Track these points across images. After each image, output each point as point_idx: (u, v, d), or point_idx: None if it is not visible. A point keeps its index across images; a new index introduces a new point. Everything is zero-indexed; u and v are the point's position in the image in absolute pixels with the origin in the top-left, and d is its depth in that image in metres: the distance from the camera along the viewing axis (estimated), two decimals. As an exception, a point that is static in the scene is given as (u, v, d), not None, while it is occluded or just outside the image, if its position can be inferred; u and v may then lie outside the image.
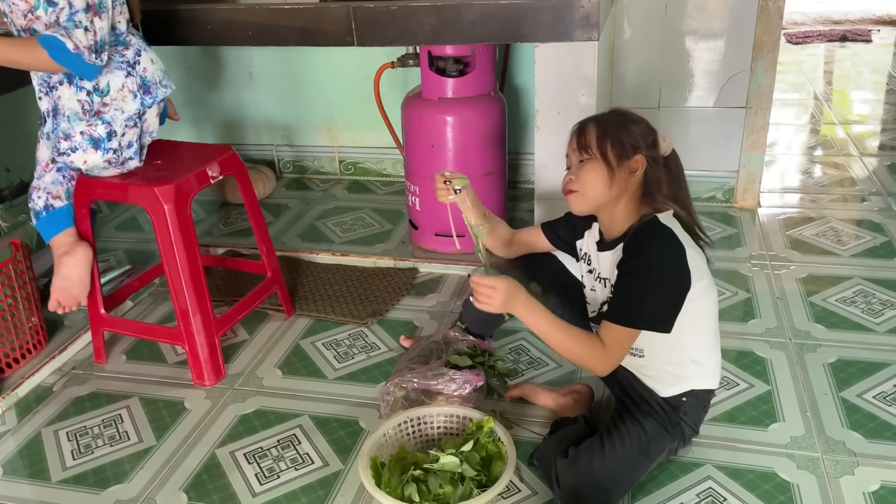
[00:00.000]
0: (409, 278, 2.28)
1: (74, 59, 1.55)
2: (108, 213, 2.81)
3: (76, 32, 1.53)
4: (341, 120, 2.95)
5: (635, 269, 1.34)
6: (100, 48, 1.59)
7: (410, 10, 1.91)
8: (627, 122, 1.40)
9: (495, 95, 2.27)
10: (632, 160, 1.37)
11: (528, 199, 2.63)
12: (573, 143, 1.41)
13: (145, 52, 1.73)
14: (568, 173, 1.43)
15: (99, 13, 1.57)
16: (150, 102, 1.70)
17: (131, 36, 1.71)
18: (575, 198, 1.41)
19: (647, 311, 1.34)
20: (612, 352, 1.35)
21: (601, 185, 1.37)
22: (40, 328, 1.96)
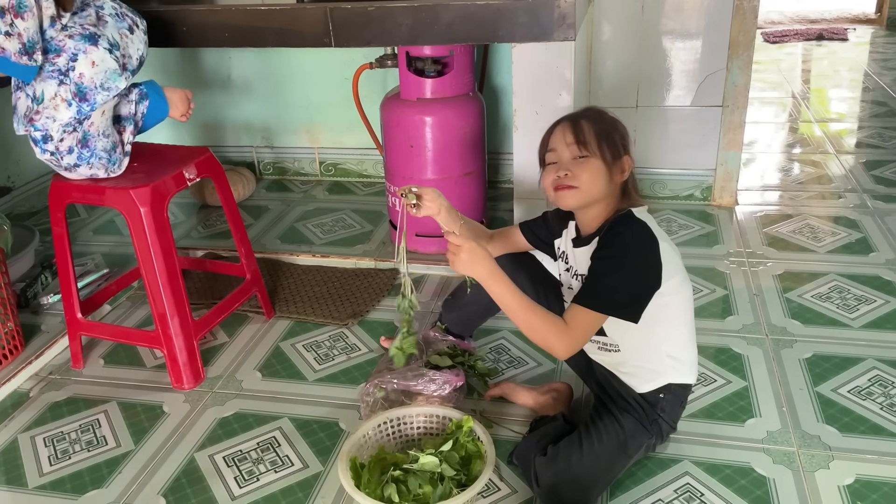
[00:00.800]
0: (389, 279, 2.28)
1: (2, 61, 1.52)
2: (86, 216, 2.79)
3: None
4: (321, 121, 2.95)
5: (606, 255, 1.36)
6: (30, 48, 1.54)
7: (387, 11, 1.91)
8: (616, 122, 1.44)
9: (474, 96, 2.28)
10: (623, 160, 1.40)
11: (508, 198, 2.63)
12: (569, 138, 1.40)
13: (85, 53, 1.60)
14: (558, 167, 1.40)
15: (19, 13, 1.52)
16: (88, 110, 1.63)
17: (66, 38, 1.60)
18: (571, 193, 1.39)
19: (613, 296, 1.34)
20: (575, 333, 1.34)
21: (600, 183, 1.38)
22: (16, 333, 1.94)
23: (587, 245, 1.43)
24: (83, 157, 1.68)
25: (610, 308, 1.35)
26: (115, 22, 1.70)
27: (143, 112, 1.77)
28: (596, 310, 1.33)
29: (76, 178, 1.75)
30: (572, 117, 1.44)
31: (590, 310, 1.33)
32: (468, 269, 1.38)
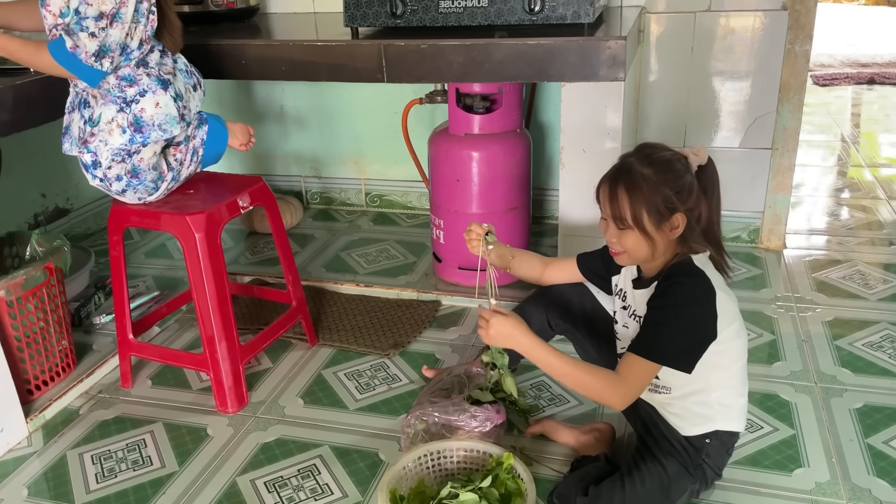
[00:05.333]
0: (431, 311, 2.29)
1: (70, 57, 1.59)
2: (139, 239, 2.87)
3: (80, 35, 1.58)
4: (369, 153, 3.00)
5: (663, 305, 1.35)
6: (102, 53, 1.61)
7: (439, 49, 1.96)
8: (660, 178, 1.34)
9: (521, 132, 2.30)
10: (672, 220, 1.36)
11: (552, 234, 2.64)
12: (606, 211, 1.40)
13: (153, 94, 1.70)
14: (607, 234, 1.41)
15: (114, 22, 1.60)
16: (139, 141, 1.70)
17: (144, 75, 1.70)
18: (621, 258, 1.43)
19: (668, 347, 1.33)
20: (630, 384, 1.34)
21: (644, 250, 1.38)
22: (69, 351, 1.99)
23: (647, 288, 1.43)
24: (131, 184, 1.76)
25: (665, 358, 1.34)
26: (184, 77, 1.82)
27: (203, 138, 1.84)
28: (651, 359, 1.33)
29: (129, 202, 1.82)
30: (612, 181, 1.39)
31: (645, 359, 1.33)
32: (501, 342, 1.40)
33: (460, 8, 1.99)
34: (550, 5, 1.93)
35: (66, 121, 1.77)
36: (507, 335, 1.39)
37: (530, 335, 1.39)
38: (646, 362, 1.33)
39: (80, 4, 1.58)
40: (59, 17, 1.62)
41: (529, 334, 1.39)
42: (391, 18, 2.04)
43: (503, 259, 1.66)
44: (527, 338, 1.38)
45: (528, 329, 1.40)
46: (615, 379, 1.34)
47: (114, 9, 1.60)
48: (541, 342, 1.39)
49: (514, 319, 1.40)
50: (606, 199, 1.39)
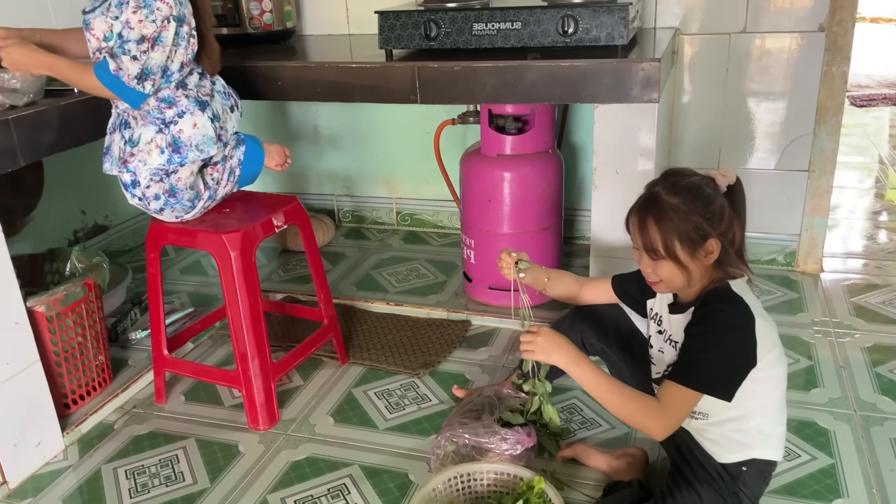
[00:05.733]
0: (461, 330, 2.29)
1: (113, 79, 1.64)
2: (174, 256, 2.92)
3: (123, 58, 1.63)
4: (400, 172, 3.02)
5: (702, 332, 1.33)
6: (144, 75, 1.66)
7: (472, 71, 1.97)
8: (689, 206, 1.32)
9: (553, 153, 2.30)
10: (705, 246, 1.34)
11: (584, 255, 2.63)
12: (637, 241, 1.39)
13: (191, 115, 1.74)
14: (641, 264, 1.41)
15: (155, 45, 1.65)
16: (177, 161, 1.73)
17: (183, 97, 1.74)
18: (657, 286, 1.42)
19: (708, 375, 1.32)
20: (670, 412, 1.33)
21: (679, 278, 1.36)
22: (106, 366, 2.03)
23: (683, 313, 1.41)
24: (168, 203, 1.79)
25: (705, 386, 1.32)
26: (222, 99, 1.86)
27: (240, 158, 1.87)
28: (691, 388, 1.32)
29: (167, 221, 1.85)
30: (640, 212, 1.38)
31: (685, 387, 1.32)
32: (547, 357, 1.40)
33: (493, 30, 2.00)
34: (584, 28, 1.93)
35: (107, 141, 1.82)
36: (555, 345, 1.39)
37: (575, 354, 1.38)
38: (686, 391, 1.32)
39: (123, 28, 1.62)
40: (103, 41, 1.67)
41: (574, 353, 1.39)
42: (425, 41, 2.06)
43: (538, 280, 1.66)
44: (573, 352, 1.38)
45: (573, 347, 1.39)
46: (657, 407, 1.33)
47: (155, 32, 1.64)
48: (586, 359, 1.38)
49: (560, 335, 1.40)
50: (636, 230, 1.38)
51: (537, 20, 1.96)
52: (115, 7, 1.63)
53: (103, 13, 1.65)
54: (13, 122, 1.65)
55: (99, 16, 1.66)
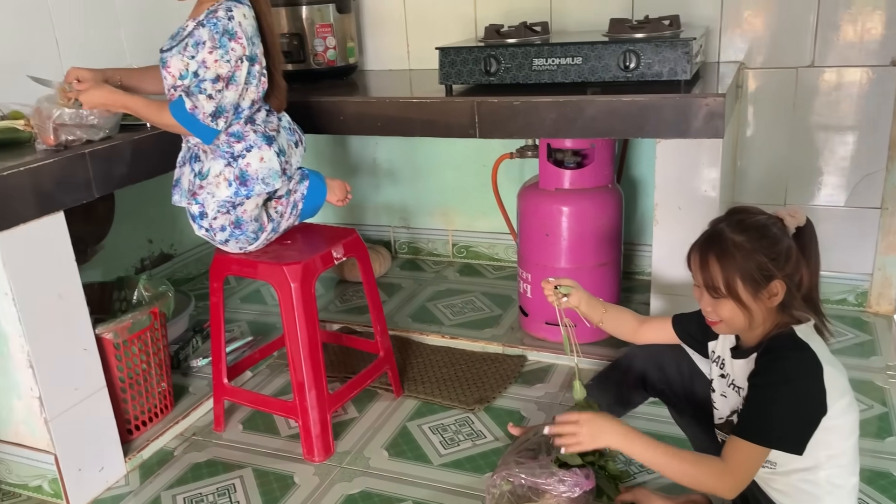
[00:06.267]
0: (517, 366, 2.27)
1: (189, 116, 1.70)
2: (235, 285, 2.98)
3: (199, 96, 1.69)
4: (457, 205, 3.04)
5: (767, 383, 1.28)
6: (218, 113, 1.72)
7: (532, 106, 1.97)
8: (753, 244, 1.29)
9: (612, 187, 2.28)
10: (769, 287, 1.30)
11: (643, 290, 2.58)
12: (698, 279, 1.36)
13: (259, 149, 1.79)
14: (702, 302, 1.37)
15: (229, 84, 1.71)
16: (244, 194, 1.78)
17: (251, 131, 1.80)
18: (718, 327, 1.38)
19: (776, 429, 1.26)
20: (737, 471, 1.27)
21: (741, 319, 1.32)
22: (168, 393, 2.07)
23: (746, 358, 1.37)
24: (234, 234, 1.84)
25: (774, 442, 1.27)
26: (287, 134, 1.91)
27: (304, 193, 1.91)
28: (759, 443, 1.26)
29: (231, 252, 1.89)
30: (702, 248, 1.34)
31: (752, 443, 1.27)
32: (596, 444, 1.37)
33: (554, 66, 2.01)
34: (646, 63, 1.92)
35: (177, 174, 1.88)
36: (600, 431, 1.35)
37: (624, 429, 1.34)
38: (753, 447, 1.26)
39: (199, 68, 1.69)
40: (179, 79, 1.73)
41: (623, 429, 1.35)
42: (485, 76, 2.08)
43: (594, 312, 1.63)
44: (621, 433, 1.34)
45: (619, 422, 1.35)
46: (722, 468, 1.28)
47: (229, 72, 1.70)
48: (636, 434, 1.34)
49: (602, 416, 1.37)
50: (697, 267, 1.35)
51: (598, 55, 1.96)
52: (191, 47, 1.70)
53: (180, 52, 1.72)
54: (89, 155, 1.73)
55: (176, 54, 1.73)
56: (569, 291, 1.60)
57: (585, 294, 1.62)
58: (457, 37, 2.63)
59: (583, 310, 1.58)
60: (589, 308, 1.61)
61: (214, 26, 1.68)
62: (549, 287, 1.61)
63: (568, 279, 1.63)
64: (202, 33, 1.69)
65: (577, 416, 1.37)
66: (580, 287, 1.63)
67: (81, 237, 2.19)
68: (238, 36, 1.70)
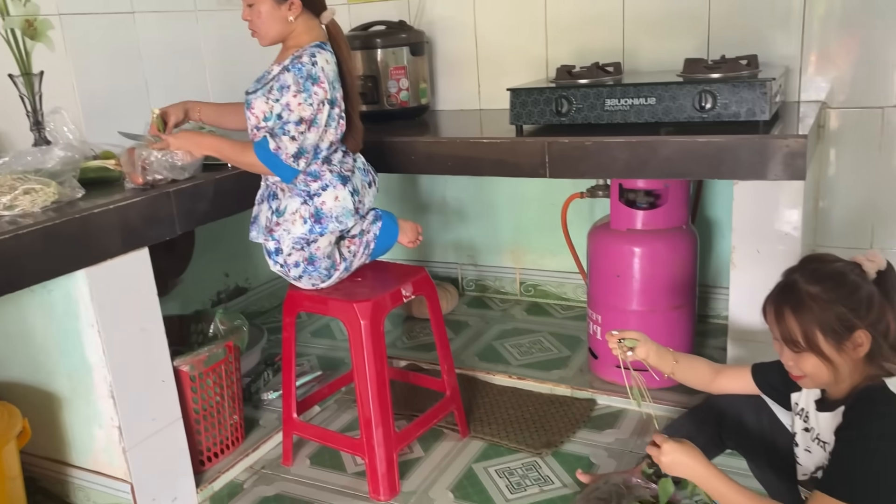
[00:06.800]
0: (586, 410, 2.22)
1: (272, 157, 1.76)
2: (306, 319, 3.04)
3: (283, 138, 1.75)
4: (525, 243, 3.02)
5: (855, 438, 1.21)
6: (299, 154, 1.77)
7: (604, 146, 1.96)
8: (830, 294, 1.24)
9: (687, 229, 2.23)
10: (853, 338, 1.24)
11: (719, 334, 2.50)
12: (775, 332, 1.31)
13: (334, 188, 1.84)
14: (783, 356, 1.33)
15: (311, 127, 1.77)
16: (318, 231, 1.83)
17: (327, 171, 1.85)
18: (803, 381, 1.33)
19: (864, 488, 1.19)
20: None
21: (825, 373, 1.27)
22: (239, 425, 2.11)
23: (832, 411, 1.30)
24: (307, 270, 1.87)
25: (861, 500, 1.20)
26: (361, 175, 1.95)
27: (376, 233, 1.94)
28: (845, 501, 1.20)
29: (303, 288, 1.93)
30: (777, 301, 1.30)
31: (838, 501, 1.20)
32: (674, 472, 1.33)
33: (627, 106, 1.99)
34: (722, 103, 1.88)
35: (255, 211, 1.94)
36: (682, 464, 1.31)
37: (707, 465, 1.30)
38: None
39: (283, 110, 1.75)
40: (262, 121, 1.80)
41: (706, 464, 1.30)
42: (556, 116, 2.08)
43: (664, 363, 1.58)
44: (703, 468, 1.30)
45: (704, 457, 1.31)
46: None
47: (312, 115, 1.76)
48: (718, 473, 1.29)
49: (688, 447, 1.32)
50: (773, 321, 1.30)
51: (672, 96, 1.93)
52: (276, 90, 1.77)
53: (265, 95, 1.79)
54: (173, 194, 1.80)
55: (260, 97, 1.80)
56: (634, 345, 1.55)
57: (654, 345, 1.57)
58: (528, 77, 2.65)
59: (651, 362, 1.54)
60: (658, 359, 1.56)
61: (299, 71, 1.75)
62: (613, 340, 1.56)
63: (634, 331, 1.58)
64: (287, 78, 1.76)
65: (663, 440, 1.33)
66: (648, 338, 1.58)
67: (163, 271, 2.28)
68: (321, 80, 1.76)
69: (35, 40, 2.08)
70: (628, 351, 1.55)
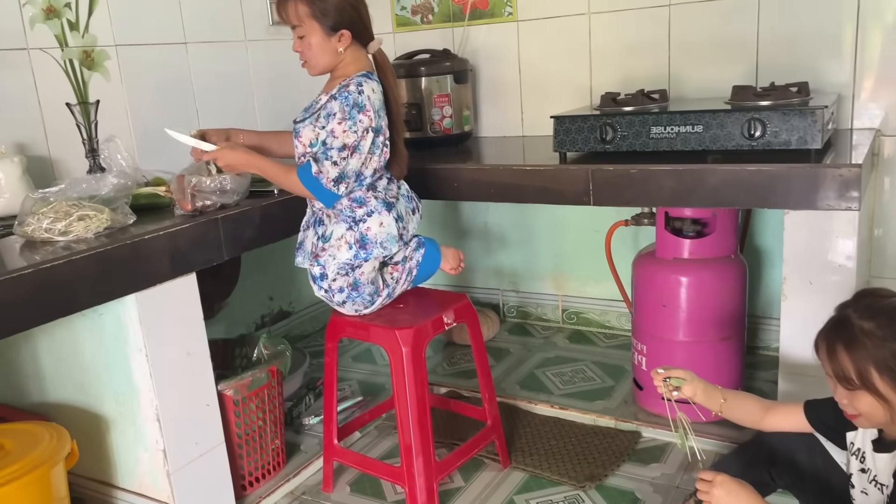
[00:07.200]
0: (630, 442, 2.17)
1: (313, 180, 1.79)
2: (347, 343, 3.05)
3: (325, 162, 1.78)
4: (567, 270, 2.99)
5: None
6: (340, 179, 1.79)
7: (650, 174, 1.93)
8: (886, 331, 1.20)
9: (736, 258, 2.18)
10: None
11: (769, 367, 2.43)
12: (828, 369, 1.27)
13: (379, 214, 1.86)
14: (836, 394, 1.29)
15: (354, 153, 1.80)
16: (362, 257, 1.84)
17: (373, 197, 1.87)
18: (858, 420, 1.29)
19: None
20: None
21: (882, 414, 1.22)
22: (281, 450, 2.12)
23: (891, 453, 1.25)
24: (351, 296, 1.88)
25: None
26: (405, 202, 1.97)
27: (419, 260, 1.95)
28: None
29: (347, 314, 1.94)
30: (829, 337, 1.26)
31: None
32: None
33: (673, 133, 1.97)
34: (772, 131, 1.84)
35: (301, 237, 1.97)
36: (734, 499, 1.27)
37: (757, 499, 1.25)
38: None
39: (328, 137, 1.78)
40: (309, 147, 1.84)
41: (758, 499, 1.25)
42: (600, 143, 2.06)
43: (712, 402, 1.53)
44: (754, 499, 1.25)
45: (757, 495, 1.26)
46: None
47: (355, 142, 1.78)
48: None
49: (740, 483, 1.28)
50: (826, 357, 1.26)
51: (720, 123, 1.90)
52: (323, 118, 1.81)
53: (312, 123, 1.83)
54: (221, 220, 1.83)
55: (308, 125, 1.84)
56: (681, 384, 1.50)
57: (702, 384, 1.52)
58: (571, 104, 2.64)
59: (698, 400, 1.49)
60: (706, 398, 1.51)
61: (346, 99, 1.78)
62: (658, 378, 1.52)
63: (681, 370, 1.53)
64: (334, 106, 1.79)
65: (713, 476, 1.29)
66: (695, 376, 1.52)
67: (209, 294, 2.31)
68: (366, 109, 1.79)
69: (92, 70, 2.15)
70: (674, 390, 1.50)
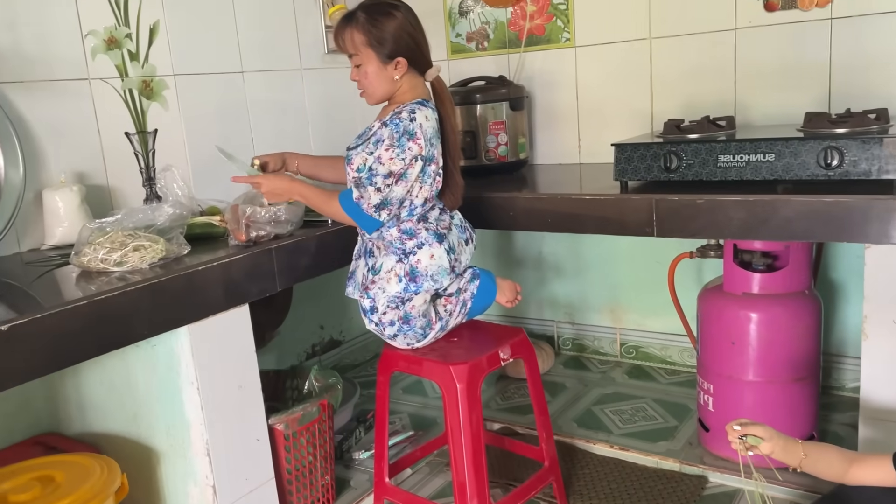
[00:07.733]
0: (697, 488, 2.05)
1: (354, 206, 1.75)
2: (398, 375, 2.99)
3: (368, 188, 1.74)
4: (625, 302, 2.89)
5: None
6: (382, 205, 1.75)
7: (718, 204, 1.84)
8: None
9: (809, 294, 2.06)
10: None
11: (845, 409, 2.28)
12: None
13: (430, 246, 1.81)
14: None
15: (400, 181, 1.75)
16: (413, 290, 1.79)
17: (423, 229, 1.82)
18: None
19: None
20: None
21: None
22: (331, 486, 2.06)
23: None
24: (402, 329, 1.83)
25: None
26: (458, 232, 1.92)
27: (473, 292, 1.89)
28: None
29: (399, 347, 1.89)
30: None
31: None
32: None
33: (742, 162, 1.87)
34: (851, 160, 1.74)
35: (353, 266, 1.93)
36: None
37: None
38: None
39: (374, 162, 1.75)
40: (356, 172, 1.80)
41: None
42: (664, 172, 1.98)
43: (792, 457, 1.41)
44: None
45: None
46: None
47: (402, 169, 1.74)
48: None
49: None
50: None
51: (794, 152, 1.80)
52: (372, 144, 1.78)
53: (363, 149, 1.80)
54: (275, 251, 1.81)
55: (360, 152, 1.81)
56: (758, 443, 1.39)
57: (781, 440, 1.39)
58: (630, 131, 2.56)
59: (778, 455, 1.38)
60: (785, 455, 1.39)
61: (396, 126, 1.74)
62: (733, 435, 1.40)
63: (759, 426, 1.40)
64: (384, 132, 1.76)
65: None
66: (774, 433, 1.40)
67: (261, 324, 2.29)
68: (417, 136, 1.74)
69: (151, 100, 2.17)
70: (750, 450, 1.39)
